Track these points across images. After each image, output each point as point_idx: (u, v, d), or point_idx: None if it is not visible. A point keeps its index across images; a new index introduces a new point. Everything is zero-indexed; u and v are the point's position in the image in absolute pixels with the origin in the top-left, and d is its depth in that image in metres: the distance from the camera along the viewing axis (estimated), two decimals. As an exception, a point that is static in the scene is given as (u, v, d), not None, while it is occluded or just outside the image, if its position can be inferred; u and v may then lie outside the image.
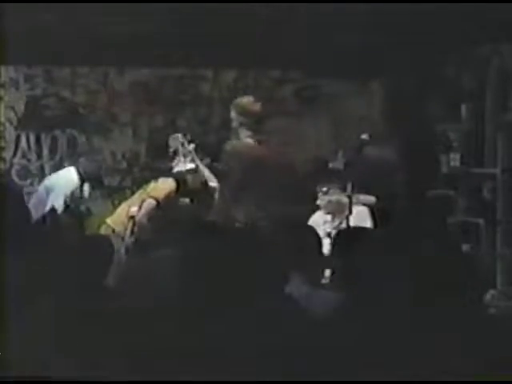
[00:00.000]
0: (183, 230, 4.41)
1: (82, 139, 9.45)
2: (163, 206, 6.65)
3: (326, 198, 6.35)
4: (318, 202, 6.38)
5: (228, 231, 3.93)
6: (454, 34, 6.92)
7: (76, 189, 7.71)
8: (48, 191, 7.60)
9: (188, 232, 3.96)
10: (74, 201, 7.73)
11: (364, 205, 6.44)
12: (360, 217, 6.13)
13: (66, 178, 7.66)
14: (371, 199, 6.61)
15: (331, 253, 4.10)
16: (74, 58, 8.56)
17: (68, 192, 7.61)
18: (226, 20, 6.58)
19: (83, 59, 8.67)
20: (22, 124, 9.37)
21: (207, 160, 7.20)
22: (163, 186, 6.76)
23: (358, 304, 3.46)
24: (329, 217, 6.26)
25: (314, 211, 6.46)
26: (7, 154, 9.35)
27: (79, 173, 7.79)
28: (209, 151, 9.38)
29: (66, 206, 7.60)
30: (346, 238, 3.87)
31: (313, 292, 3.98)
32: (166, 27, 6.91)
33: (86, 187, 7.91)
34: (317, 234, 4.37)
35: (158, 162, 9.29)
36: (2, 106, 9.34)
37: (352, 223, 5.81)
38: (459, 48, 7.66)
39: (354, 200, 5.99)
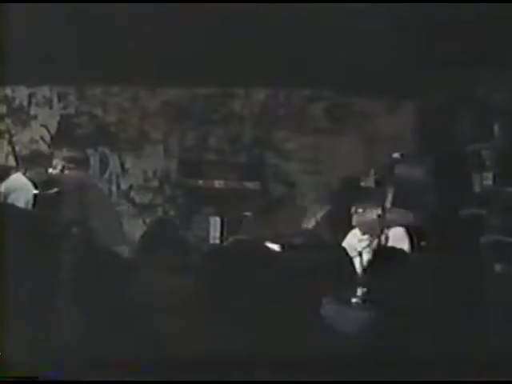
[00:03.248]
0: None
1: (113, 157, 9.53)
2: None
3: (361, 217, 6.32)
4: (354, 223, 6.35)
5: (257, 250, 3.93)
6: (485, 52, 6.89)
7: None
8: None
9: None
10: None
11: (401, 223, 6.37)
12: (397, 237, 6.07)
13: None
14: (409, 216, 6.55)
15: (364, 272, 4.08)
16: (106, 78, 8.64)
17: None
18: (257, 38, 6.60)
19: (115, 78, 8.74)
20: (55, 142, 9.45)
21: None
22: None
23: (390, 324, 3.44)
24: (365, 236, 6.23)
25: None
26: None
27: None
28: (239, 169, 9.42)
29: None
30: (379, 257, 3.85)
31: (345, 311, 3.96)
32: (196, 46, 6.94)
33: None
34: (348, 254, 4.35)
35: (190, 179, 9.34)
36: (36, 124, 9.45)
37: (389, 243, 5.78)
38: (491, 66, 7.62)
39: (390, 217, 5.96)
